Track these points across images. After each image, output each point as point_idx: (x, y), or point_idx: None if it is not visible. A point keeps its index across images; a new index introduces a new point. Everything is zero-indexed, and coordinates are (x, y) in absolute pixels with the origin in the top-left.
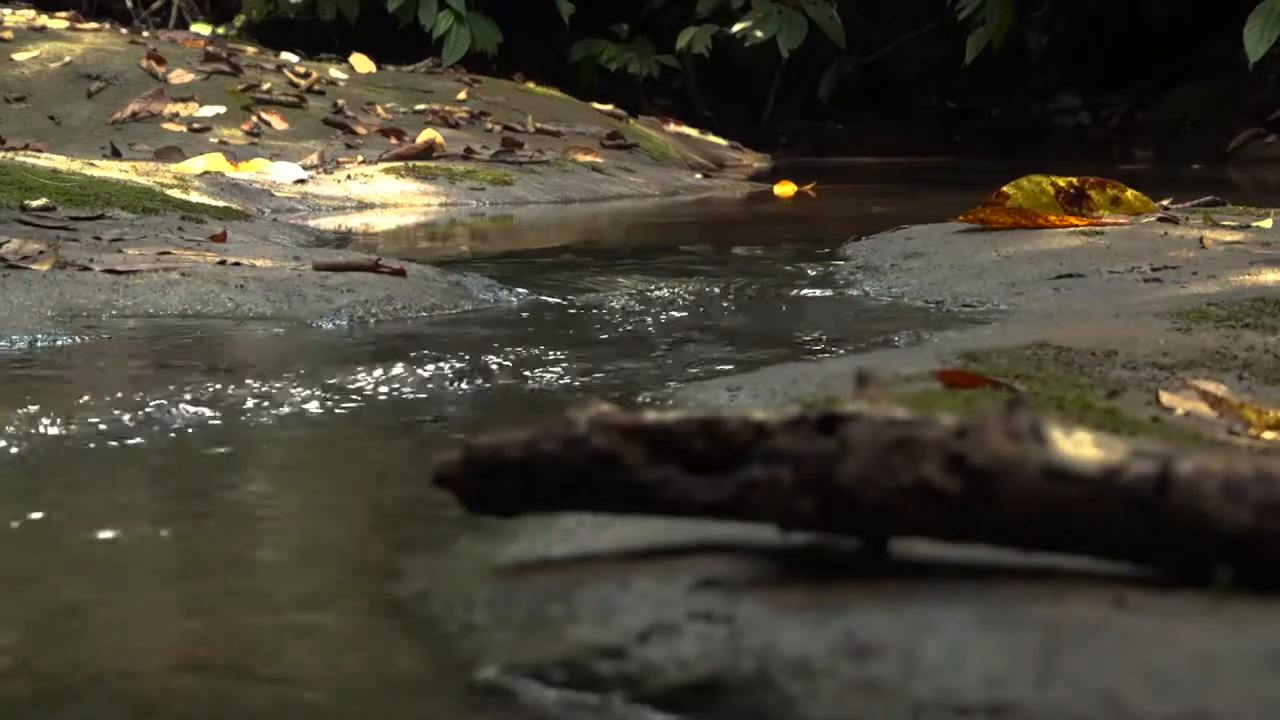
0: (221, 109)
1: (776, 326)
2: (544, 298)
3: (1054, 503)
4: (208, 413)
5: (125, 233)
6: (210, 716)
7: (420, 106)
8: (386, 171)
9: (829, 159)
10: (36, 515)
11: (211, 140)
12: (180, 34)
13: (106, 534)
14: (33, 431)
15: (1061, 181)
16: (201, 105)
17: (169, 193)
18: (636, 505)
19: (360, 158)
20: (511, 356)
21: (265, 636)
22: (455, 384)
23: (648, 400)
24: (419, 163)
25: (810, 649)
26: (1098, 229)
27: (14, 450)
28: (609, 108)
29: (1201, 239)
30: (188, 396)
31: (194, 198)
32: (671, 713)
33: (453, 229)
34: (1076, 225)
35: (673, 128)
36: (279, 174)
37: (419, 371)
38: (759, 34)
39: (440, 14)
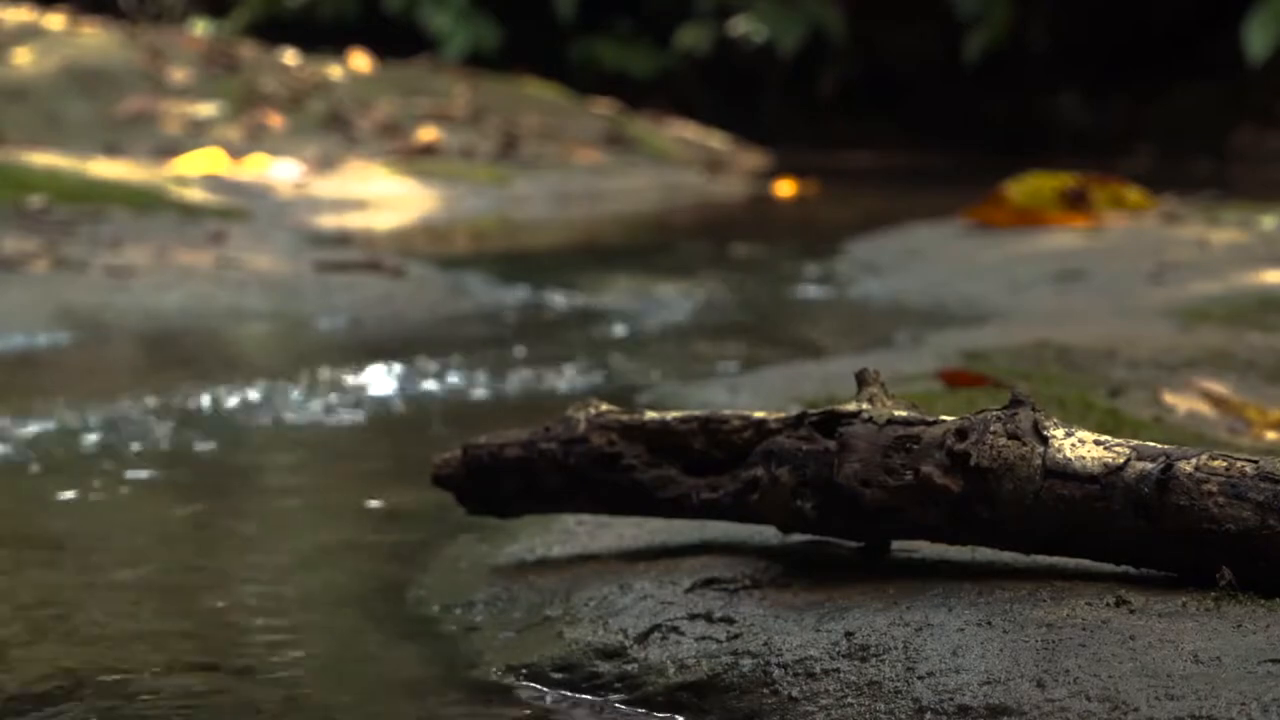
0: (220, 107)
1: (777, 326)
2: (543, 297)
3: (1055, 502)
4: (205, 412)
5: (124, 232)
6: (216, 713)
7: (419, 105)
8: (385, 170)
9: (829, 159)
10: (33, 513)
11: (210, 139)
12: (179, 32)
13: (101, 532)
14: (30, 431)
15: (1063, 180)
16: (200, 104)
17: (167, 191)
18: (636, 505)
19: (359, 156)
20: (511, 355)
21: (267, 635)
22: (454, 383)
23: (648, 400)
24: (418, 161)
25: (811, 650)
26: (1099, 228)
27: (12, 449)
28: (609, 107)
29: (1203, 238)
30: (186, 396)
31: (193, 197)
32: (671, 713)
33: (452, 228)
34: (1078, 224)
35: (672, 127)
36: (278, 173)
37: (418, 370)
38: (759, 33)
39: (439, 12)
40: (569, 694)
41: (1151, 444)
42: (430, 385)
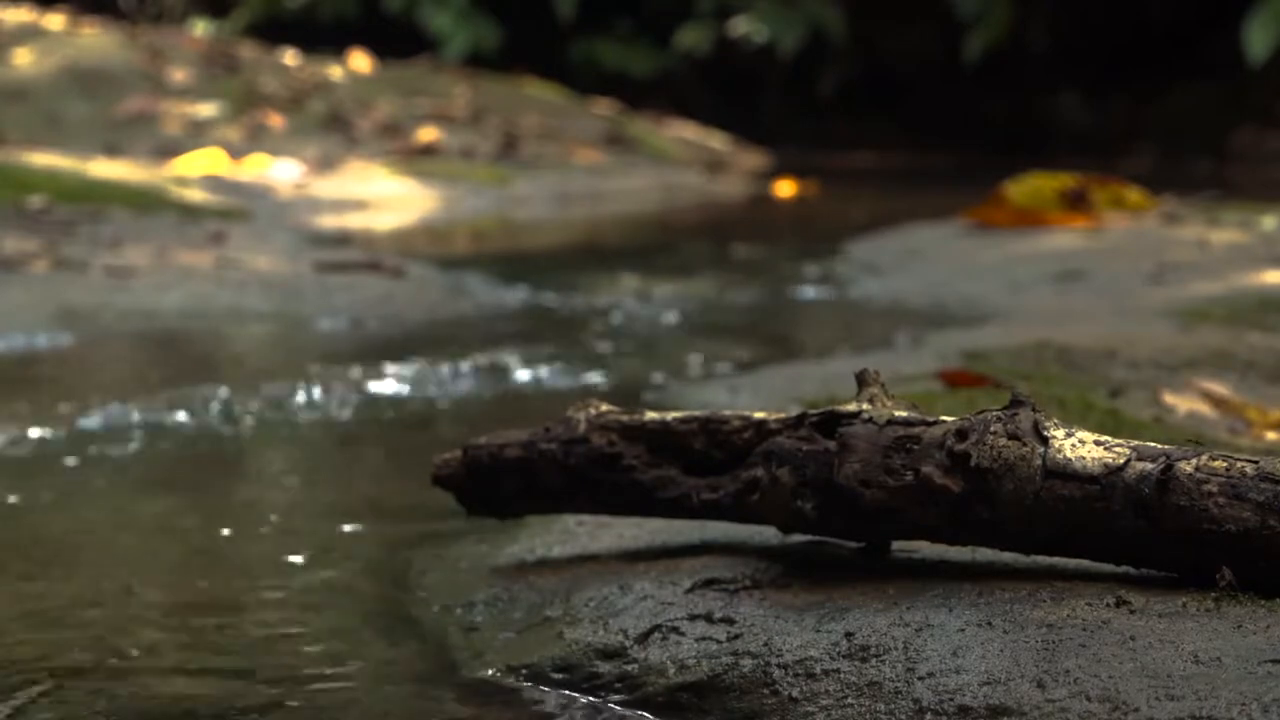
0: (220, 108)
1: (777, 326)
2: (543, 297)
3: (1055, 503)
4: (205, 411)
5: (124, 232)
6: (214, 712)
7: (419, 105)
8: (385, 170)
9: (829, 159)
10: (32, 512)
11: (210, 139)
12: (179, 32)
13: (100, 531)
14: (29, 430)
15: (1063, 180)
16: (200, 104)
17: (168, 192)
18: (636, 506)
19: (359, 157)
20: (511, 356)
21: (266, 635)
22: (454, 384)
23: (648, 400)
24: (418, 162)
25: (811, 650)
26: (1099, 228)
27: (12, 449)
28: (609, 107)
29: (1203, 238)
30: (186, 396)
31: (193, 197)
32: (671, 714)
33: (452, 228)
34: (1078, 224)
35: (672, 127)
36: (278, 173)
37: (418, 371)
38: (759, 33)
39: (439, 12)
40: (569, 694)
41: (1151, 444)
42: (430, 385)
